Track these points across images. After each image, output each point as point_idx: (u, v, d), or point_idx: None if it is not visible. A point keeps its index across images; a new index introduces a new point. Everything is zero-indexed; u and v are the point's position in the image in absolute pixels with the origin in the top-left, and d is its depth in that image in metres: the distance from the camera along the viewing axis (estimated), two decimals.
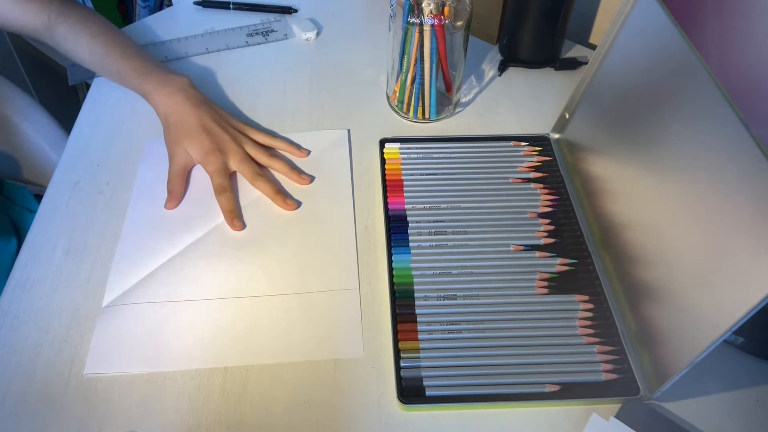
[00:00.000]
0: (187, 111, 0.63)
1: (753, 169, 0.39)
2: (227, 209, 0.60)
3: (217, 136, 0.63)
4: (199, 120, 0.63)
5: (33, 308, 0.54)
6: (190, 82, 0.66)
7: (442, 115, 0.72)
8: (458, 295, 0.54)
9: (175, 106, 0.64)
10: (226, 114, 0.66)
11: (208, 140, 0.62)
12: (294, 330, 0.53)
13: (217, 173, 0.61)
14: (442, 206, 0.61)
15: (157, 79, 0.65)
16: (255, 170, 0.62)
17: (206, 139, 0.62)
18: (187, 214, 0.61)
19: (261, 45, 0.83)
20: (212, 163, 0.61)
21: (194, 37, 0.83)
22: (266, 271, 0.57)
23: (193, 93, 0.65)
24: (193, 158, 0.63)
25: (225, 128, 0.64)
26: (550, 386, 0.49)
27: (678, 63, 0.48)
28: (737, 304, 0.39)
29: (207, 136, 0.62)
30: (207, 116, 0.63)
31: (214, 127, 0.63)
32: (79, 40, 0.69)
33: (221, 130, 0.63)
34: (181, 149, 0.62)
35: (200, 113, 0.63)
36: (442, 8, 0.62)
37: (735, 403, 0.49)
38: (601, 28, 0.83)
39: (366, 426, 0.47)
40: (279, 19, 0.87)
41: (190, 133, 0.62)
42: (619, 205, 0.56)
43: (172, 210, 0.61)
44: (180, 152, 0.63)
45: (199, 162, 0.63)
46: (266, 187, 0.62)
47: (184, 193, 0.62)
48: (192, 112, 0.63)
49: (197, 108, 0.64)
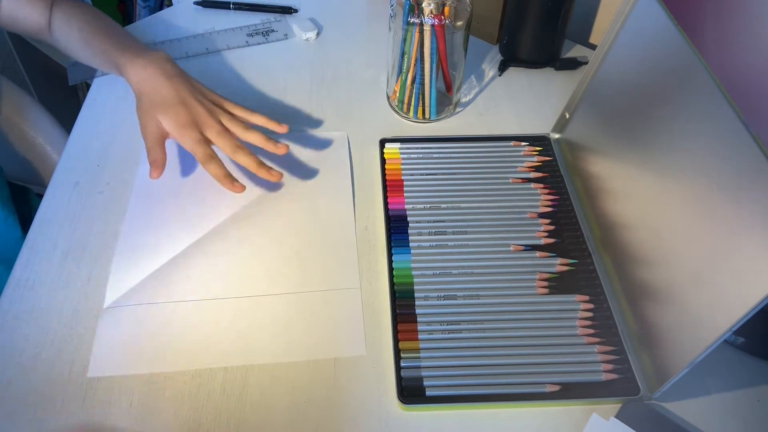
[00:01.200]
0: (161, 82, 0.61)
1: (753, 169, 0.39)
2: (221, 175, 0.58)
3: (192, 109, 0.60)
4: (174, 91, 0.60)
5: (33, 308, 0.54)
6: (167, 56, 0.64)
7: (442, 115, 0.72)
8: (458, 295, 0.54)
9: (147, 77, 0.61)
10: (201, 86, 0.63)
11: (184, 112, 0.59)
12: (295, 329, 0.53)
13: (198, 144, 0.59)
14: (442, 206, 0.62)
15: (134, 52, 0.63)
16: (234, 143, 0.60)
17: (181, 112, 0.59)
18: (187, 214, 0.61)
19: (261, 45, 0.83)
20: (190, 135, 0.59)
21: (194, 37, 0.83)
22: (267, 270, 0.57)
23: (169, 66, 0.63)
24: (168, 131, 0.60)
25: (200, 101, 0.61)
26: (550, 386, 0.49)
27: (678, 63, 0.48)
28: (737, 304, 0.39)
29: (182, 108, 0.59)
30: (182, 87, 0.61)
31: (189, 99, 0.60)
32: (72, 29, 0.68)
33: (196, 103, 0.60)
34: (154, 120, 0.60)
35: (174, 84, 0.61)
36: (442, 8, 0.62)
37: (735, 403, 0.49)
38: (601, 28, 0.83)
39: (366, 426, 0.47)
40: (279, 19, 0.87)
41: (165, 104, 0.60)
42: (620, 205, 0.56)
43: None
44: (152, 122, 0.60)
45: (173, 136, 0.60)
46: (247, 160, 0.59)
47: (165, 160, 0.59)
48: (166, 84, 0.61)
49: (171, 79, 0.61)
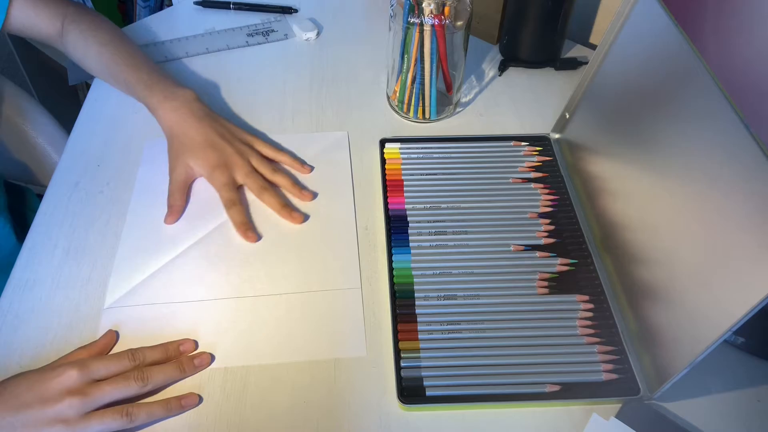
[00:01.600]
0: (191, 125, 0.62)
1: (753, 169, 0.39)
2: (239, 222, 0.59)
3: (221, 151, 0.62)
4: (204, 134, 0.62)
5: (33, 308, 0.54)
6: (195, 95, 0.65)
7: (442, 115, 0.72)
8: (458, 295, 0.54)
9: (178, 119, 0.63)
10: (230, 125, 0.65)
11: (214, 155, 0.61)
12: (296, 329, 0.53)
13: (224, 188, 0.60)
14: (442, 206, 0.61)
15: (162, 92, 0.64)
16: (261, 184, 0.61)
17: (211, 154, 0.61)
18: (188, 214, 0.61)
19: (261, 45, 0.83)
20: (218, 178, 0.61)
21: (194, 37, 0.83)
22: (268, 271, 0.57)
23: (197, 106, 0.64)
24: (198, 173, 0.62)
25: (230, 142, 0.63)
26: (550, 386, 0.49)
27: (678, 63, 0.48)
28: (737, 303, 0.39)
29: (212, 150, 0.61)
30: (211, 130, 0.63)
31: (219, 141, 0.62)
32: (89, 48, 0.69)
33: (226, 144, 0.62)
34: (183, 164, 0.62)
35: (204, 127, 0.63)
36: (442, 8, 0.62)
37: (735, 403, 0.49)
38: (601, 28, 0.83)
39: (366, 426, 0.47)
40: (279, 19, 0.87)
41: (194, 148, 0.62)
42: (620, 205, 0.56)
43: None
44: (181, 166, 0.62)
45: (204, 177, 0.62)
46: (273, 201, 0.61)
47: (184, 208, 0.61)
48: (196, 126, 0.62)
49: (201, 122, 0.63)
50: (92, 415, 0.44)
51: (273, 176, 0.63)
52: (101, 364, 0.46)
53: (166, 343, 0.50)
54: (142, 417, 0.45)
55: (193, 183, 0.63)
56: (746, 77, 0.56)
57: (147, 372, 0.47)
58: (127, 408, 0.45)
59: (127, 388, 0.46)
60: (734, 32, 0.57)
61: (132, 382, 0.46)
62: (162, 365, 0.48)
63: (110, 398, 0.45)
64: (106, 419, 0.44)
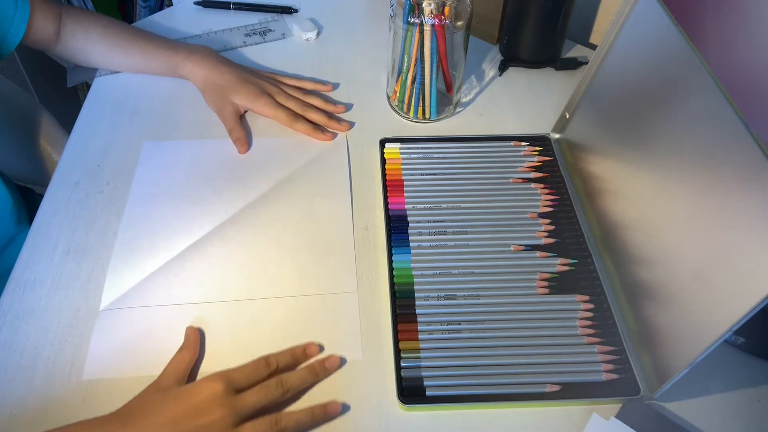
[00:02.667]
0: (223, 70, 0.70)
1: (753, 169, 0.39)
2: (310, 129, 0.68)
3: (257, 84, 0.70)
4: (236, 74, 0.70)
5: (33, 308, 0.54)
6: (210, 48, 0.73)
7: (442, 115, 0.72)
8: (459, 295, 0.54)
9: (209, 69, 0.70)
10: (253, 69, 0.74)
11: (253, 88, 0.69)
12: (292, 332, 0.53)
13: (276, 109, 0.68)
14: (442, 206, 0.61)
15: (183, 51, 0.72)
16: (303, 103, 0.70)
17: (250, 88, 0.69)
18: (184, 216, 0.61)
19: (261, 45, 0.83)
20: (265, 104, 0.69)
21: (192, 38, 0.83)
22: (264, 273, 0.57)
23: (219, 57, 0.72)
24: (243, 106, 0.70)
25: (260, 76, 0.72)
26: (550, 386, 0.49)
27: (678, 63, 0.48)
28: (738, 303, 0.39)
29: (249, 85, 0.69)
30: (241, 70, 0.71)
31: (251, 77, 0.70)
32: (90, 33, 0.72)
33: (257, 78, 0.71)
34: (228, 102, 0.69)
35: (234, 69, 0.71)
36: (442, 8, 0.62)
37: (736, 403, 0.49)
38: (601, 27, 0.83)
39: (366, 426, 0.47)
40: (277, 18, 0.87)
41: (233, 86, 0.69)
42: (620, 205, 0.56)
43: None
44: (228, 104, 0.69)
45: (251, 108, 0.70)
46: (318, 116, 0.69)
47: (247, 135, 0.68)
48: (227, 70, 0.70)
49: (229, 65, 0.71)
50: (244, 426, 0.43)
51: (307, 97, 0.72)
52: (242, 374, 0.46)
53: (293, 348, 0.50)
54: (291, 426, 0.45)
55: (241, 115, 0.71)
56: (746, 77, 0.56)
57: (286, 379, 0.47)
58: (276, 417, 0.45)
59: (269, 396, 0.46)
60: (734, 32, 0.57)
61: (274, 390, 0.46)
62: (298, 371, 0.48)
63: (256, 406, 0.45)
64: (258, 429, 0.44)
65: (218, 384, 0.44)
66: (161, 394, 0.45)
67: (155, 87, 0.76)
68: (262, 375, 0.47)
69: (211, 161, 0.66)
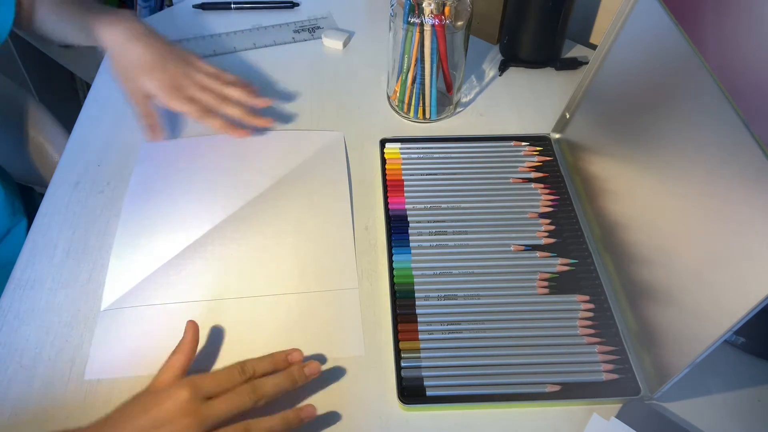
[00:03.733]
0: (135, 45, 0.62)
1: (753, 169, 0.39)
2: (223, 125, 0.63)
3: (170, 69, 0.63)
4: (150, 54, 0.62)
5: (34, 308, 0.54)
6: (135, 15, 0.66)
7: (442, 115, 0.72)
8: (459, 295, 0.54)
9: (122, 37, 0.62)
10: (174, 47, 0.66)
11: (165, 77, 0.62)
12: (294, 329, 0.53)
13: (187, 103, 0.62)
14: (442, 206, 0.61)
15: (105, 13, 0.65)
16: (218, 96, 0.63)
17: (161, 75, 0.62)
18: (183, 215, 0.61)
19: (261, 47, 0.83)
20: (176, 96, 0.62)
21: (189, 40, 0.83)
22: (264, 271, 0.57)
23: (139, 24, 0.64)
24: (152, 93, 0.63)
25: (176, 62, 0.64)
26: (550, 386, 0.49)
27: (678, 62, 0.48)
28: (738, 304, 0.39)
29: (161, 72, 0.62)
30: (155, 49, 0.63)
31: (164, 62, 0.63)
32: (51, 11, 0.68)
33: (173, 65, 0.63)
34: (136, 83, 0.63)
35: (149, 46, 0.63)
36: (442, 8, 0.62)
37: (736, 403, 0.49)
38: (601, 27, 0.83)
39: (366, 426, 0.47)
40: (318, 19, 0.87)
41: (143, 68, 0.62)
42: (620, 204, 0.56)
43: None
44: (136, 86, 0.63)
45: (158, 97, 0.63)
46: (235, 110, 0.63)
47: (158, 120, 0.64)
48: (139, 46, 0.62)
49: (144, 41, 0.63)
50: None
51: (224, 88, 0.64)
52: (212, 381, 0.44)
53: (274, 354, 0.48)
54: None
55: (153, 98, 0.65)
56: (746, 77, 0.56)
57: (259, 385, 0.44)
58: (245, 425, 0.42)
59: (240, 403, 0.43)
60: (734, 32, 0.57)
61: (245, 397, 0.43)
62: (273, 377, 0.46)
63: (226, 415, 0.42)
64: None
65: (184, 391, 0.42)
66: (131, 402, 0.43)
67: None
68: (236, 381, 0.44)
69: (209, 159, 0.66)
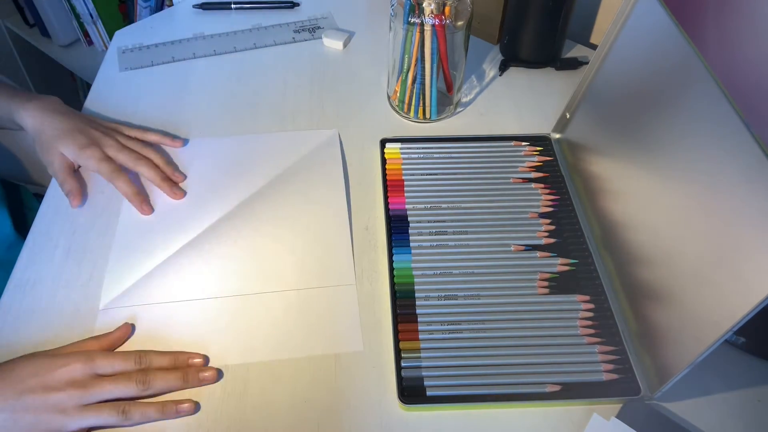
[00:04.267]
0: (56, 118, 0.63)
1: (754, 169, 0.39)
2: (131, 193, 0.60)
3: (89, 132, 0.62)
4: (71, 122, 0.62)
5: (34, 308, 0.54)
6: (59, 100, 0.65)
7: (442, 115, 0.72)
8: (459, 295, 0.54)
9: (43, 115, 0.63)
10: (95, 118, 0.66)
11: (81, 137, 0.61)
12: (292, 326, 0.53)
13: (100, 163, 0.60)
14: (442, 206, 0.61)
15: (24, 96, 0.64)
16: (135, 155, 0.62)
17: (79, 137, 0.61)
18: (180, 214, 0.61)
19: (262, 47, 0.83)
20: (91, 155, 0.60)
21: (187, 41, 0.83)
22: (262, 268, 0.57)
23: (60, 105, 0.65)
24: (70, 157, 0.62)
25: (95, 127, 0.63)
26: (551, 386, 0.49)
27: (679, 62, 0.48)
28: (738, 304, 0.39)
29: (79, 134, 0.61)
30: (77, 119, 0.63)
31: (85, 127, 0.62)
32: None
33: (92, 128, 0.63)
34: (56, 153, 0.61)
35: (69, 119, 0.63)
36: (442, 8, 0.62)
37: (736, 403, 0.49)
38: (602, 27, 0.83)
39: (366, 426, 0.47)
40: (326, 16, 0.87)
41: (62, 135, 0.61)
42: (620, 204, 0.56)
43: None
44: (55, 156, 0.61)
45: (76, 160, 0.62)
46: (151, 172, 0.61)
47: (81, 188, 0.62)
48: (60, 118, 0.63)
49: (65, 114, 0.63)
50: (89, 408, 0.45)
51: (143, 151, 0.63)
52: (107, 361, 0.47)
53: (177, 352, 0.51)
54: (136, 416, 0.46)
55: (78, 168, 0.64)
56: (747, 77, 0.56)
57: (150, 376, 0.47)
58: (123, 405, 0.46)
59: (127, 388, 0.47)
60: (735, 32, 0.57)
61: (133, 384, 0.47)
62: (166, 372, 0.48)
63: (109, 395, 0.46)
64: (102, 414, 0.45)
65: (78, 364, 0.46)
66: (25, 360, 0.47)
67: (155, 87, 0.76)
68: (130, 368, 0.48)
69: (206, 160, 0.66)
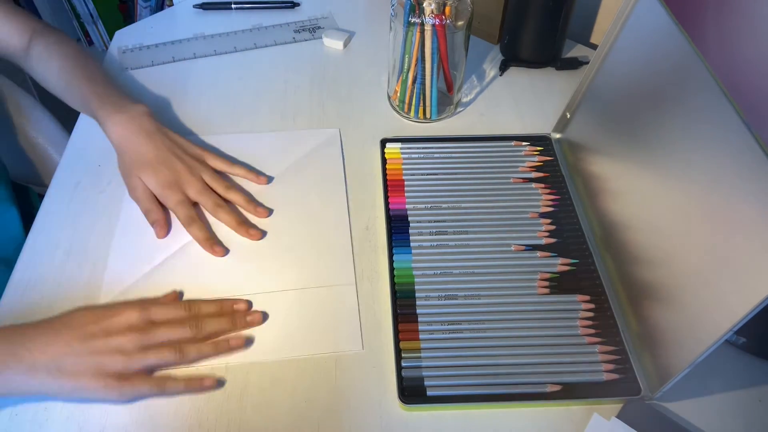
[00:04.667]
0: (141, 140, 0.61)
1: (754, 169, 0.39)
2: (203, 238, 0.58)
3: (172, 166, 0.60)
4: (155, 150, 0.60)
5: (34, 308, 0.54)
6: (147, 110, 0.63)
7: (443, 114, 0.72)
8: (459, 295, 0.54)
9: (128, 134, 0.61)
10: (181, 140, 0.63)
11: (164, 172, 0.59)
12: (292, 326, 0.53)
13: (179, 206, 0.59)
14: (443, 206, 0.61)
15: (113, 105, 0.62)
16: (215, 201, 0.60)
17: (162, 171, 0.59)
18: None
19: (262, 47, 0.83)
20: (171, 197, 0.59)
21: (189, 40, 0.83)
22: (262, 268, 0.57)
23: (148, 121, 0.62)
24: (150, 188, 0.60)
25: (180, 157, 0.61)
26: (551, 386, 0.49)
27: (679, 62, 0.48)
28: (739, 303, 0.39)
29: (162, 167, 0.60)
30: (162, 145, 0.61)
31: (169, 157, 0.60)
32: (52, 61, 0.68)
33: (177, 160, 0.60)
34: (137, 180, 0.60)
35: (155, 142, 0.61)
36: (443, 8, 0.62)
37: (737, 403, 0.49)
38: (602, 27, 0.83)
39: (367, 426, 0.47)
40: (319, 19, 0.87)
41: (145, 164, 0.60)
42: (621, 204, 0.56)
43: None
44: (137, 183, 0.60)
45: (157, 195, 0.60)
46: (228, 218, 0.59)
47: (168, 217, 0.60)
48: (145, 142, 0.60)
49: (151, 137, 0.61)
50: (149, 349, 0.48)
51: (227, 193, 0.61)
52: (160, 309, 0.51)
53: (222, 300, 0.54)
54: (193, 354, 0.49)
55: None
56: (747, 77, 0.56)
57: (201, 321, 0.51)
58: (180, 345, 0.49)
59: (182, 331, 0.50)
60: (735, 32, 0.57)
61: (187, 328, 0.50)
62: (216, 318, 0.52)
63: (166, 338, 0.49)
64: (161, 353, 0.48)
65: (135, 313, 0.49)
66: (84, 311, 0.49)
67: (156, 86, 0.76)
68: (181, 315, 0.51)
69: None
